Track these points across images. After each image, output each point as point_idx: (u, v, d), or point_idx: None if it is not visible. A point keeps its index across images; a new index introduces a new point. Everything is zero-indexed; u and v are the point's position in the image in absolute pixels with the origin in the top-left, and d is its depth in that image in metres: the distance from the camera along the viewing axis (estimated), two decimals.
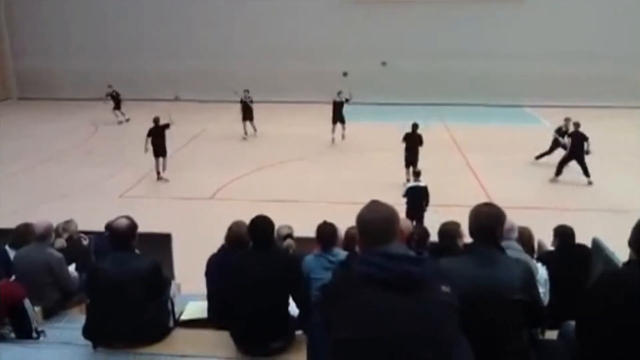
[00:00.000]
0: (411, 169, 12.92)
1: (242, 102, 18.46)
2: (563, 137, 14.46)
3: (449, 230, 5.22)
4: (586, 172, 13.57)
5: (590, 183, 13.57)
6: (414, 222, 9.87)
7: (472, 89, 23.43)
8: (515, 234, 4.90)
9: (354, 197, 10.96)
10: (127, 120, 20.99)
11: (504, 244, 3.47)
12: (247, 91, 18.43)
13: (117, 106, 21.26)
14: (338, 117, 17.69)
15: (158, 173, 14.20)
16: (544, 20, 23.05)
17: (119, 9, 24.70)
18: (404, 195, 10.71)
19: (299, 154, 16.26)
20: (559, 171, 13.95)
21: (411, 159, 13.38)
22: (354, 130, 19.47)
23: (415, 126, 13.70)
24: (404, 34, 24.00)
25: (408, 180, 12.83)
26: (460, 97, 23.38)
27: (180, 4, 24.44)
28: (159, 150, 14.16)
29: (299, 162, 15.65)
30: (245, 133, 18.52)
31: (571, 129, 14.28)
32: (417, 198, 10.69)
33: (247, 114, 18.35)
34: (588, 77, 22.77)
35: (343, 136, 17.86)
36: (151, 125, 14.32)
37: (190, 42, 24.60)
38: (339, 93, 17.83)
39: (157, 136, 14.13)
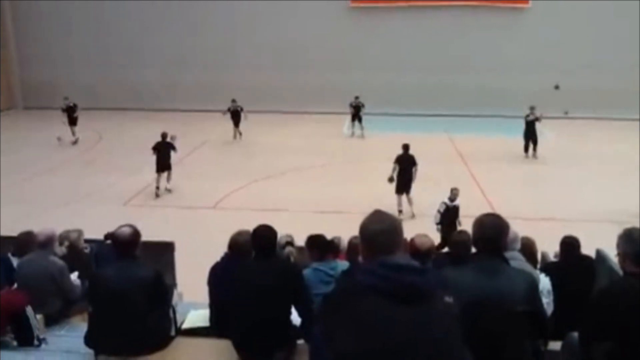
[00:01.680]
0: (404, 196, 12.42)
1: (230, 110, 19.88)
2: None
3: (462, 240, 5.21)
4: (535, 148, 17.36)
5: (535, 157, 17.16)
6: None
7: (475, 101, 23.43)
8: (518, 245, 4.89)
9: (356, 207, 10.98)
10: (76, 141, 19.03)
11: (507, 254, 3.47)
12: (234, 101, 19.88)
13: (72, 121, 19.04)
14: (356, 117, 20.32)
15: (157, 188, 13.83)
16: (548, 32, 23.10)
17: (125, 19, 24.88)
18: (441, 214, 10.26)
19: (301, 164, 16.26)
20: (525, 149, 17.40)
21: (404, 183, 12.40)
22: (356, 140, 19.54)
23: (406, 147, 12.70)
24: (408, 45, 24.07)
25: (400, 212, 12.10)
26: (464, 108, 23.38)
27: (185, 16, 24.59)
28: (163, 165, 13.92)
29: (301, 172, 15.66)
30: (234, 137, 20.02)
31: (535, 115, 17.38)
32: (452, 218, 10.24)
33: (236, 120, 19.95)
34: (590, 89, 22.74)
35: (362, 135, 20.21)
36: (155, 138, 14.33)
37: (193, 53, 24.71)
38: (357, 97, 20.08)
39: (162, 151, 13.97)
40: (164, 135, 14.26)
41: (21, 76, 26.84)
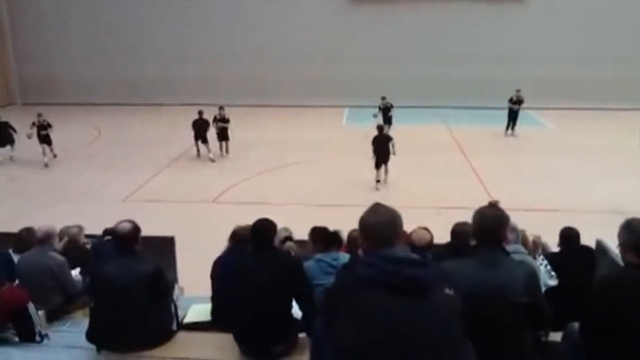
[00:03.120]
0: (383, 168, 13.41)
1: (215, 119, 16.69)
2: (514, 105, 18.84)
3: (462, 231, 5.20)
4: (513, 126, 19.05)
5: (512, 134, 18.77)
6: None
7: (474, 92, 23.40)
8: (515, 236, 4.83)
9: (356, 200, 10.97)
10: (54, 156, 16.43)
11: (509, 248, 3.48)
12: (222, 108, 16.80)
13: (45, 139, 16.09)
14: (386, 119, 18.65)
15: (198, 151, 16.70)
16: (546, 23, 23.06)
17: (122, 14, 24.78)
18: None
19: (301, 157, 16.24)
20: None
21: (382, 159, 13.38)
22: (356, 133, 19.48)
23: (380, 128, 13.98)
24: (406, 38, 24.01)
25: (378, 182, 13.38)
26: (463, 99, 23.37)
27: (183, 10, 24.50)
28: (203, 138, 16.36)
29: (301, 165, 15.62)
30: (221, 151, 17.01)
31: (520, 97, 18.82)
32: None
33: (223, 133, 16.67)
34: (590, 79, 22.75)
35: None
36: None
37: (192, 47, 24.63)
38: (384, 98, 18.90)
39: (200, 126, 16.31)
40: (200, 112, 16.51)
41: (19, 72, 26.73)
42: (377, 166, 13.43)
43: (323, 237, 5.25)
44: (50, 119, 16.72)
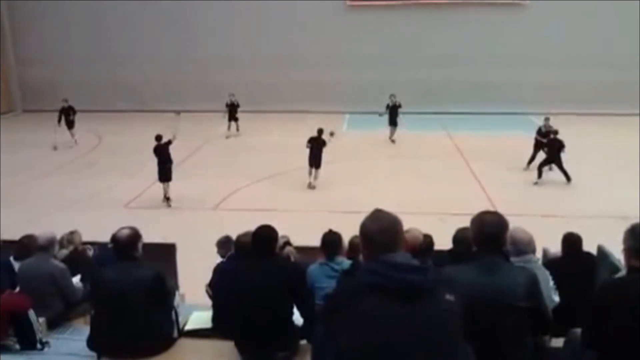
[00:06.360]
0: (314, 170, 14.16)
1: (227, 105, 20.27)
2: (543, 137, 14.94)
3: (464, 237, 5.18)
4: (566, 176, 14.17)
5: (568, 181, 14.13)
6: None
7: (475, 97, 23.39)
8: (532, 247, 4.62)
9: (356, 206, 10.97)
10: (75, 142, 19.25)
11: (523, 258, 3.48)
12: (232, 95, 20.28)
13: (70, 124, 19.26)
14: (393, 119, 18.98)
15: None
16: (548, 28, 23.07)
17: (123, 20, 24.86)
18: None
19: (302, 164, 16.23)
20: (539, 174, 14.45)
21: (315, 159, 14.17)
22: (356, 139, 19.51)
23: (320, 131, 14.47)
24: (407, 42, 24.05)
25: (310, 185, 14.16)
26: (464, 105, 23.34)
27: (184, 15, 24.58)
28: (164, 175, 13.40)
29: (302, 171, 15.63)
30: (229, 129, 20.42)
31: (550, 127, 15.13)
32: None
33: (233, 114, 20.28)
34: (592, 83, 22.75)
35: (393, 140, 19.02)
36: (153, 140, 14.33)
37: (193, 53, 24.70)
38: (392, 96, 19.11)
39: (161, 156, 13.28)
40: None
41: (20, 79, 26.79)
42: (311, 165, 14.21)
43: (338, 243, 5.24)
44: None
